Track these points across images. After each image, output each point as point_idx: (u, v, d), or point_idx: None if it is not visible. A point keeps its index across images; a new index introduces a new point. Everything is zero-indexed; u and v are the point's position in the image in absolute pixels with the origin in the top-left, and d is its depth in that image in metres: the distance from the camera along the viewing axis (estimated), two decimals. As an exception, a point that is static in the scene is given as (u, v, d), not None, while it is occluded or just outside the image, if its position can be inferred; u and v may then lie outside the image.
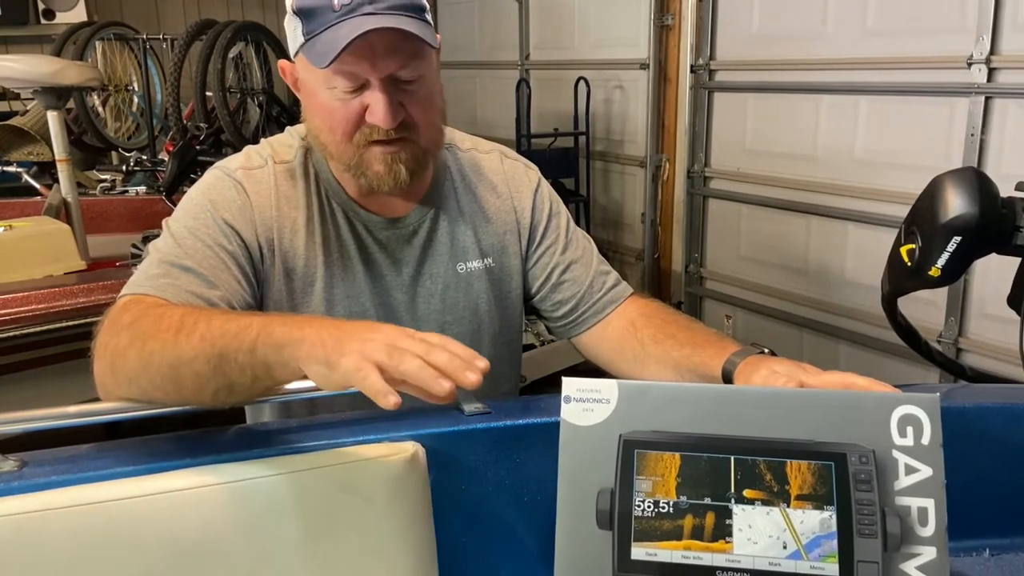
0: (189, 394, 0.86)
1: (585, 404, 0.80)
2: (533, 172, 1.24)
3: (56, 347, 2.04)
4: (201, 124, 3.55)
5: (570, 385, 0.81)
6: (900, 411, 0.77)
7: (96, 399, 0.92)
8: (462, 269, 1.16)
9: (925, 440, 0.77)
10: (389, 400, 0.70)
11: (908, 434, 0.77)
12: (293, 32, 1.01)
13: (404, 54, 0.98)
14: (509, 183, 1.21)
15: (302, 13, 0.98)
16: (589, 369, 1.25)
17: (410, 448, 0.88)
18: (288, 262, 1.08)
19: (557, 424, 0.81)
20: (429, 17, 1.01)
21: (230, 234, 1.03)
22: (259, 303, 1.07)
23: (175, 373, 0.84)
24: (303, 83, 1.05)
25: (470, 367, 0.73)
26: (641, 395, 0.81)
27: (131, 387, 0.88)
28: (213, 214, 1.03)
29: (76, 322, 1.99)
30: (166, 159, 3.37)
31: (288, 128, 1.18)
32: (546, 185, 1.25)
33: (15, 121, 3.87)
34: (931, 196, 1.10)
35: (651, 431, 0.79)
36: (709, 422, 0.79)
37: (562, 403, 0.81)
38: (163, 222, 1.06)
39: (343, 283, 1.10)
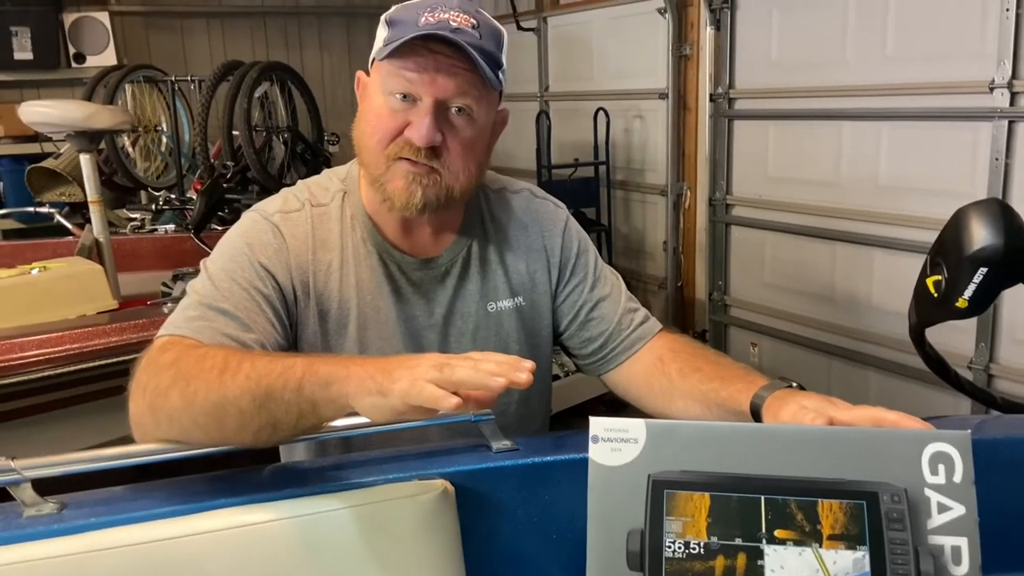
0: (231, 433, 0.87)
1: (613, 444, 0.81)
2: (562, 211, 1.26)
3: (90, 385, 2.08)
4: (228, 162, 3.61)
5: (597, 425, 0.81)
6: (931, 449, 0.77)
7: (128, 437, 0.93)
8: (492, 308, 1.17)
9: (957, 478, 0.76)
10: (451, 401, 0.73)
11: (940, 472, 0.77)
12: (378, 41, 1.06)
13: (463, 86, 1.02)
14: (539, 222, 1.22)
15: (391, 22, 1.04)
16: (615, 400, 1.26)
17: (439, 486, 0.89)
18: (322, 304, 1.09)
19: (585, 461, 0.81)
20: (503, 76, 1.06)
21: (265, 277, 1.05)
22: (292, 345, 1.09)
23: (219, 412, 0.85)
24: (365, 88, 1.10)
25: (518, 368, 0.76)
26: (669, 434, 0.81)
27: (171, 427, 0.89)
28: (250, 257, 1.06)
29: (109, 360, 2.02)
30: (194, 197, 3.43)
31: (326, 170, 1.21)
32: (574, 223, 1.26)
33: (48, 163, 3.97)
34: (955, 228, 1.10)
35: (680, 471, 0.79)
36: (738, 461, 0.79)
37: (590, 443, 0.81)
38: (201, 263, 1.09)
39: (375, 324, 1.12)
